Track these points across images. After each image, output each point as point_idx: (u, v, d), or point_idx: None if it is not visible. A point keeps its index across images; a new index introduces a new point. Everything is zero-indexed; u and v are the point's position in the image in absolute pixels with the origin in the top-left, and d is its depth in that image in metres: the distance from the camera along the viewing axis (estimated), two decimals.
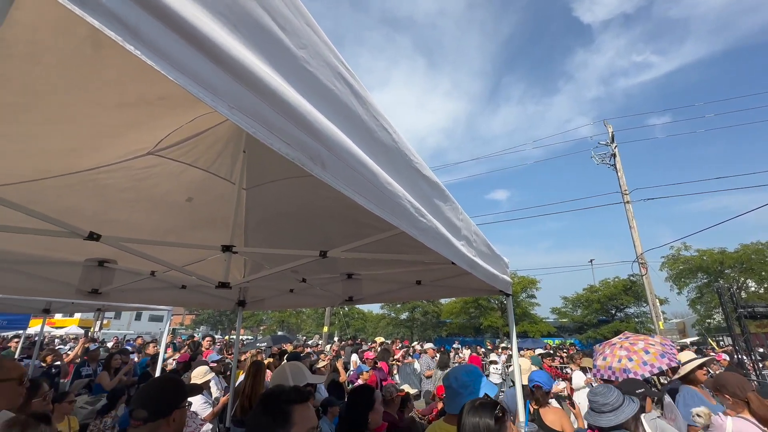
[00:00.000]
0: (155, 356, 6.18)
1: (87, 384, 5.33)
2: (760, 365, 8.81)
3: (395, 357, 10.85)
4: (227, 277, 2.68)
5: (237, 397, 3.72)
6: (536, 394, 3.41)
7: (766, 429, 2.31)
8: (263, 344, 14.62)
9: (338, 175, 0.76)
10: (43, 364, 6.51)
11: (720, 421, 2.48)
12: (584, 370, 6.81)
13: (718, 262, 22.64)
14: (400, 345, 16.14)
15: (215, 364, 5.11)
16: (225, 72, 0.51)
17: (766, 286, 21.71)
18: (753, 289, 22.38)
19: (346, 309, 34.95)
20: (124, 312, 36.81)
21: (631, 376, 3.65)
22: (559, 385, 6.58)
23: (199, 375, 3.99)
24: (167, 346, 7.45)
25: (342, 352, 10.40)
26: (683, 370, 3.48)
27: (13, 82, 1.00)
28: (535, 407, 3.39)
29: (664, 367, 3.75)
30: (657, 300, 14.29)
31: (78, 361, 6.70)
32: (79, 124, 1.45)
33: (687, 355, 3.74)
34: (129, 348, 10.56)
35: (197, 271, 3.00)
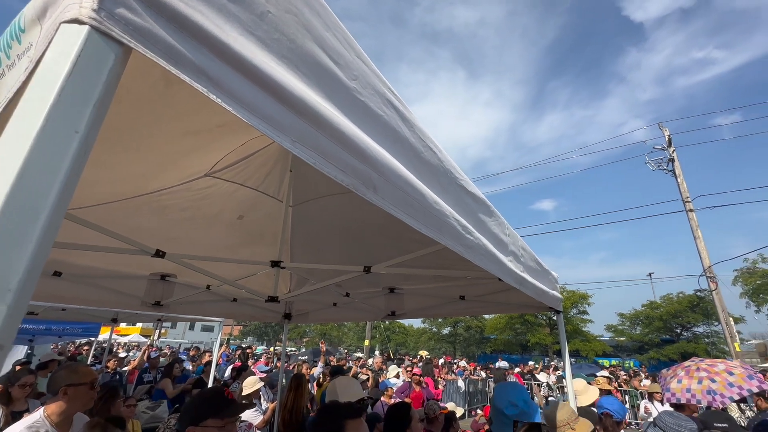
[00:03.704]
0: (207, 363, 6.51)
1: (148, 390, 5.71)
2: None
3: (435, 377, 10.54)
4: (276, 291, 2.80)
5: (280, 411, 3.81)
6: (605, 422, 3.09)
7: None
8: (304, 357, 14.92)
9: (388, 197, 0.79)
10: (108, 370, 7.07)
11: None
12: (650, 396, 5.96)
13: None
14: (442, 361, 15.75)
15: (264, 375, 5.28)
16: (288, 109, 0.56)
17: None
18: None
19: (387, 323, 34.81)
20: (179, 322, 39.27)
21: (718, 398, 3.19)
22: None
23: (249, 384, 4.15)
24: (219, 357, 7.81)
25: (384, 367, 10.32)
26: None
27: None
28: None
29: (755, 389, 3.25)
30: (731, 318, 12.85)
31: (141, 367, 7.20)
32: (149, 151, 1.61)
33: None
34: (183, 357, 11.21)
35: (247, 285, 3.15)
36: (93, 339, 10.08)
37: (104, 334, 12.19)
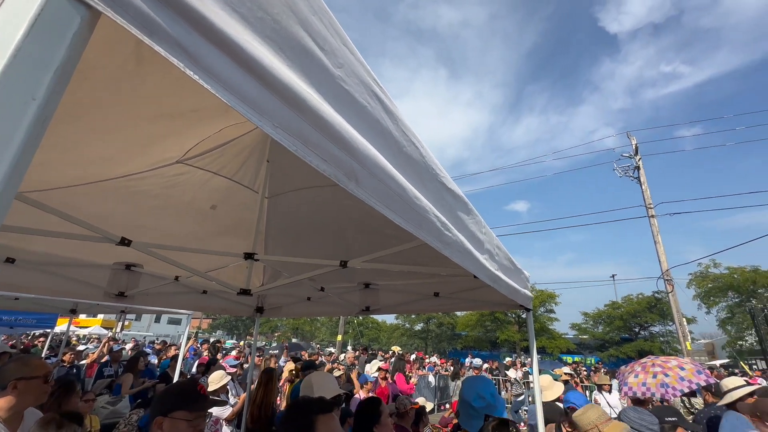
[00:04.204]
0: (174, 358, 6.30)
1: (109, 384, 5.46)
2: None
3: (407, 372, 10.66)
4: (248, 284, 2.73)
5: (248, 406, 3.74)
6: (570, 416, 3.23)
7: None
8: (275, 351, 14.73)
9: (370, 190, 0.78)
10: (64, 364, 6.69)
11: None
12: (599, 388, 6.55)
13: (751, 280, 21.50)
14: (413, 357, 15.94)
15: (234, 369, 5.17)
16: (271, 92, 0.53)
17: None
18: None
19: (360, 318, 34.86)
20: (144, 314, 37.80)
21: (671, 391, 3.48)
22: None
23: (216, 380, 4.04)
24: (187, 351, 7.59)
25: (356, 362, 10.33)
26: (729, 397, 3.22)
27: (64, 98, 1.06)
28: (569, 430, 3.22)
29: (702, 383, 3.57)
30: (684, 319, 13.68)
31: (101, 361, 6.89)
32: (117, 134, 1.52)
33: (735, 381, 3.46)
34: (147, 350, 10.81)
35: (219, 277, 3.06)
36: (49, 330, 9.54)
37: (62, 326, 11.57)
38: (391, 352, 15.75)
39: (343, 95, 0.69)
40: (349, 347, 26.36)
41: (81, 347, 11.03)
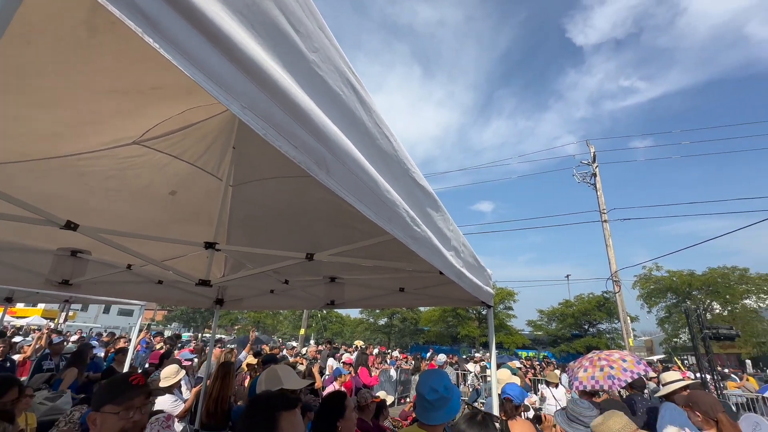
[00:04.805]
0: (121, 350, 5.92)
1: (48, 379, 5.07)
2: (721, 385, 9.18)
3: (369, 365, 10.73)
4: (208, 275, 2.62)
5: (204, 401, 3.61)
6: (506, 406, 3.43)
7: None
8: (234, 345, 14.30)
9: (341, 180, 0.76)
10: None
11: None
12: (547, 383, 6.97)
13: (687, 283, 23.53)
14: (376, 351, 16.05)
15: (188, 363, 4.96)
16: (240, 71, 0.50)
17: (729, 308, 22.67)
18: (717, 311, 23.33)
19: (324, 312, 34.61)
20: (92, 305, 35.39)
21: (617, 382, 3.80)
22: (532, 398, 6.74)
23: (170, 375, 3.85)
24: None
25: (318, 356, 10.26)
26: (666, 390, 3.60)
27: (1, 62, 0.95)
28: (504, 418, 3.42)
29: (642, 373, 3.93)
30: (628, 317, 14.73)
31: (39, 354, 6.37)
32: (66, 108, 1.39)
33: (672, 375, 3.86)
34: (94, 343, 10.16)
35: (176, 267, 2.91)
36: None
37: None
38: (354, 346, 15.78)
39: (316, 81, 0.66)
40: (312, 341, 26.13)
41: (18, 338, 10.16)
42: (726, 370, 14.20)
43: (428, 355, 16.23)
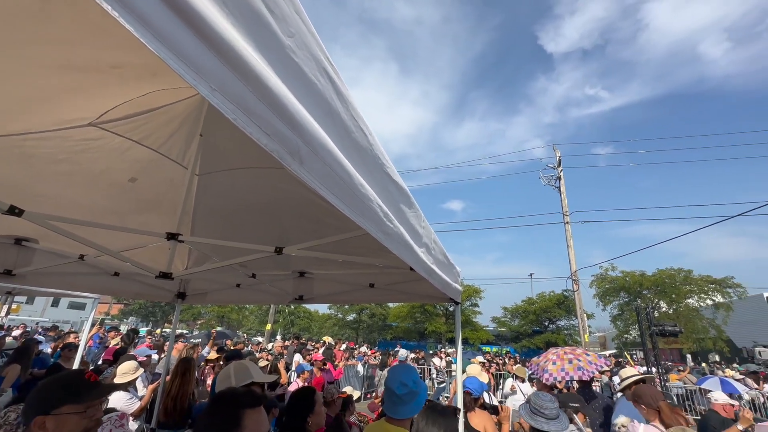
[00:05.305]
0: (67, 346, 5.53)
1: None
2: (665, 377, 9.93)
3: (337, 362, 10.69)
4: (170, 267, 2.50)
5: (162, 398, 3.46)
6: (465, 398, 3.57)
7: None
8: (198, 339, 13.81)
9: (314, 172, 0.73)
10: None
11: (632, 427, 2.75)
12: (515, 377, 7.21)
13: (638, 283, 25.14)
14: (344, 346, 16.04)
15: (145, 359, 4.73)
16: (211, 50, 0.47)
17: (674, 307, 24.43)
18: (664, 309, 25.09)
19: (292, 307, 34.11)
20: (39, 297, 32.99)
21: (586, 372, 4.22)
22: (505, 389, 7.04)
23: (127, 371, 3.66)
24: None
25: (285, 352, 10.10)
26: (624, 384, 3.92)
27: None
28: (464, 410, 3.56)
29: (604, 367, 4.53)
30: (585, 315, 15.55)
31: None
32: (10, 82, 1.27)
33: (629, 371, 4.23)
34: (41, 338, 9.50)
35: (135, 258, 2.76)
36: None
37: None
38: (322, 342, 15.68)
39: (292, 67, 0.63)
40: (279, 336, 25.70)
41: None
42: (669, 364, 15.36)
43: (393, 351, 16.42)
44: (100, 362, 6.35)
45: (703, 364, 20.66)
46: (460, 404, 2.88)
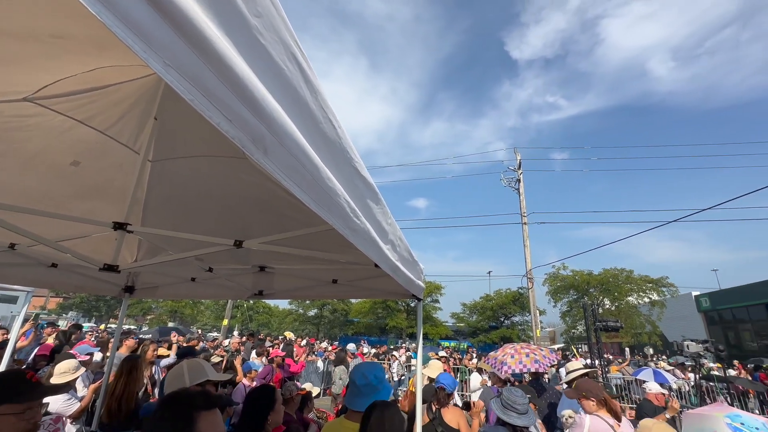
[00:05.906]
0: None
1: None
2: (606, 369, 10.73)
3: (297, 357, 10.48)
4: (116, 259, 2.32)
5: (105, 399, 3.23)
6: (439, 394, 3.64)
7: (614, 420, 2.80)
8: (149, 335, 13.03)
9: (279, 163, 0.69)
10: None
11: (579, 419, 2.93)
12: (480, 371, 7.45)
13: (586, 282, 26.91)
14: (305, 342, 15.82)
15: (87, 357, 4.39)
16: (164, 19, 0.41)
17: (616, 304, 26.37)
18: (607, 306, 27.01)
19: (251, 302, 33.12)
20: None
21: (543, 365, 4.67)
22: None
23: (66, 370, 3.37)
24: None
25: (242, 348, 9.79)
26: (570, 376, 4.21)
27: None
28: (437, 406, 3.62)
29: (555, 361, 5.17)
30: (537, 311, 16.41)
31: None
32: None
33: (575, 365, 4.59)
34: None
35: (76, 249, 2.53)
36: None
37: None
38: (281, 337, 15.35)
39: (258, 49, 0.59)
40: (236, 332, 24.87)
41: None
42: (610, 357, 16.57)
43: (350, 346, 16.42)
44: (30, 359, 5.81)
45: (637, 357, 22.52)
46: (419, 400, 2.92)
